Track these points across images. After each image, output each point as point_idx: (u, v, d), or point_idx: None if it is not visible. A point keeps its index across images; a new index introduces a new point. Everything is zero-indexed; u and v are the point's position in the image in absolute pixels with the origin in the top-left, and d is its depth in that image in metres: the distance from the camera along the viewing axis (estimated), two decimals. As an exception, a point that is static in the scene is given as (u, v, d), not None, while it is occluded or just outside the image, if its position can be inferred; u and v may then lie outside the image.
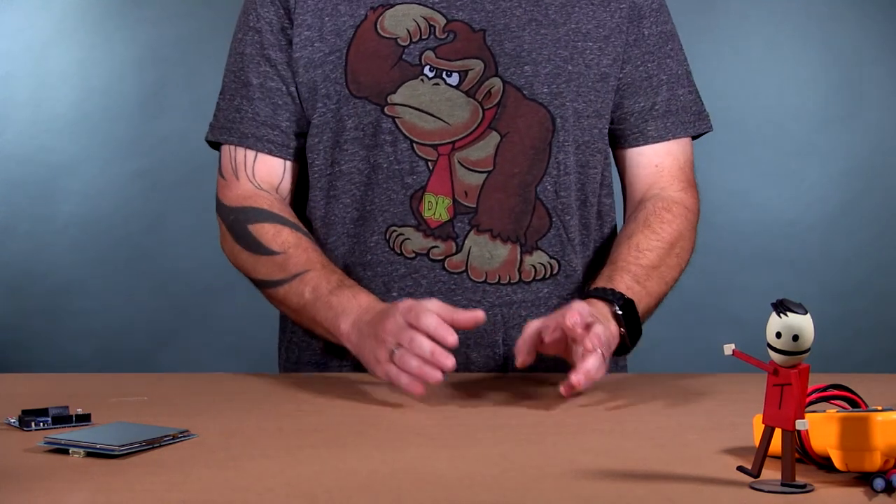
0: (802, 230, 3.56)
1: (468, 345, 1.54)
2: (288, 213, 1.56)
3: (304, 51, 1.55)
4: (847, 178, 3.56)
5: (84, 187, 3.61)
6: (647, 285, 1.50)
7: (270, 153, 1.58)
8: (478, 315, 1.31)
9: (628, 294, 1.45)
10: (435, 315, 1.30)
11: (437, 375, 1.28)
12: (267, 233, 1.53)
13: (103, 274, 3.62)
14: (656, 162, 1.63)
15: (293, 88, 1.57)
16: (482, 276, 1.54)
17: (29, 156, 3.61)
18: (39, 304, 3.62)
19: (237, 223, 1.56)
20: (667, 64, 1.62)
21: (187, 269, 3.47)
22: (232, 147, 1.60)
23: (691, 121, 1.65)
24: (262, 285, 1.55)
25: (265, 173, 1.59)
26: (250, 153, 1.58)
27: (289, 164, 1.60)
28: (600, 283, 1.48)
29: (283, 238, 1.52)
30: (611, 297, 1.44)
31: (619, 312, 1.42)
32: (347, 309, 1.42)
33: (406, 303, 1.33)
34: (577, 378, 1.27)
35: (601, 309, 1.42)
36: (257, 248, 1.54)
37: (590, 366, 1.28)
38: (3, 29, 3.61)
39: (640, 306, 1.47)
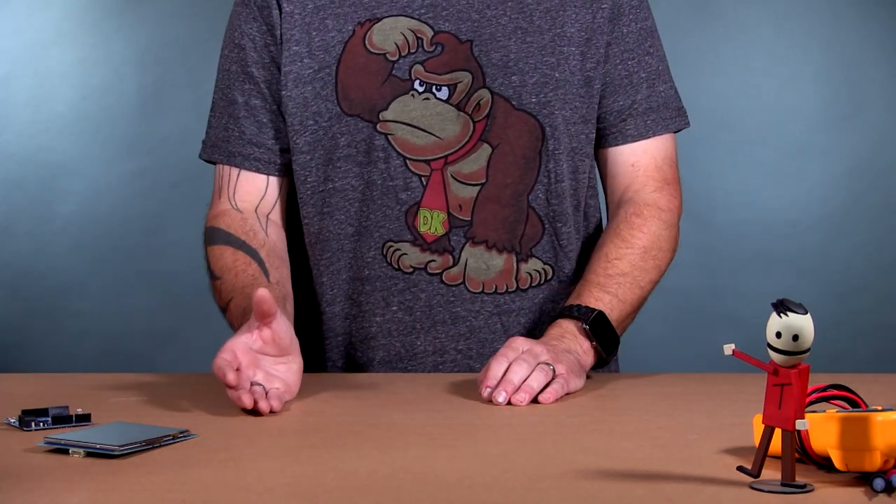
0: (802, 230, 3.56)
1: (470, 355, 1.56)
2: (245, 234, 1.56)
3: (293, 66, 1.55)
4: (847, 178, 3.56)
5: (84, 187, 3.61)
6: (619, 293, 1.50)
7: (257, 171, 1.60)
8: (261, 296, 1.24)
9: (597, 306, 1.46)
10: (227, 374, 1.23)
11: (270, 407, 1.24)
12: (214, 254, 1.56)
13: (103, 274, 3.62)
14: (633, 161, 1.61)
15: (275, 106, 1.58)
16: (479, 287, 1.55)
17: (29, 156, 3.61)
18: (39, 305, 3.62)
19: (204, 244, 1.59)
20: (646, 61, 1.60)
21: (187, 269, 3.46)
22: (221, 165, 1.62)
23: (671, 117, 1.63)
24: (220, 310, 1.56)
25: (246, 191, 1.60)
26: (234, 171, 1.60)
27: (274, 179, 1.61)
28: (570, 300, 1.50)
29: (223, 262, 1.54)
30: (576, 313, 1.45)
31: (587, 327, 1.44)
32: None
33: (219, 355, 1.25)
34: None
35: (569, 327, 1.44)
36: (209, 271, 1.57)
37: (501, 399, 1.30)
38: (3, 29, 3.61)
39: (614, 314, 1.48)
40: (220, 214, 1.59)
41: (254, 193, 1.60)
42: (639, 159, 1.61)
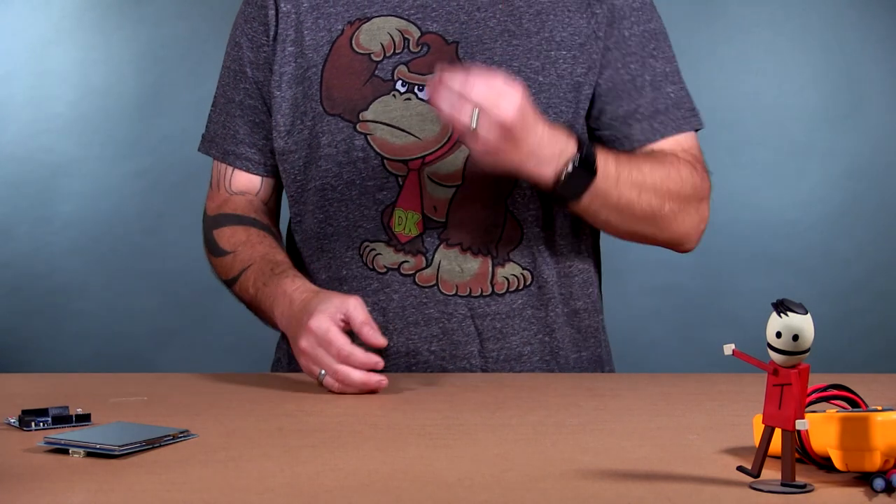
0: (802, 230, 3.55)
1: (444, 357, 1.54)
2: (254, 213, 1.61)
3: (287, 67, 1.56)
4: (847, 178, 3.56)
5: (84, 187, 3.61)
6: (620, 172, 1.44)
7: (248, 171, 1.64)
8: (379, 341, 1.37)
9: (600, 158, 1.41)
10: (343, 340, 1.35)
11: (380, 384, 1.36)
12: (223, 235, 1.60)
13: (103, 274, 3.62)
14: None
15: (266, 107, 1.60)
16: (453, 290, 1.53)
17: (29, 156, 3.61)
18: (39, 305, 3.62)
19: (206, 230, 1.63)
20: (650, 64, 1.56)
21: (187, 269, 3.46)
22: (216, 161, 1.66)
23: (683, 117, 1.57)
24: (225, 285, 1.61)
25: (243, 187, 1.65)
26: (229, 169, 1.65)
27: (266, 180, 1.65)
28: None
29: (236, 238, 1.58)
30: (583, 138, 1.43)
31: (580, 154, 1.39)
32: (277, 299, 1.47)
33: (315, 321, 1.37)
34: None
35: (563, 132, 1.40)
36: (215, 250, 1.60)
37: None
38: (3, 29, 3.61)
39: (602, 179, 1.42)
40: (224, 202, 1.63)
41: (250, 189, 1.65)
42: None
